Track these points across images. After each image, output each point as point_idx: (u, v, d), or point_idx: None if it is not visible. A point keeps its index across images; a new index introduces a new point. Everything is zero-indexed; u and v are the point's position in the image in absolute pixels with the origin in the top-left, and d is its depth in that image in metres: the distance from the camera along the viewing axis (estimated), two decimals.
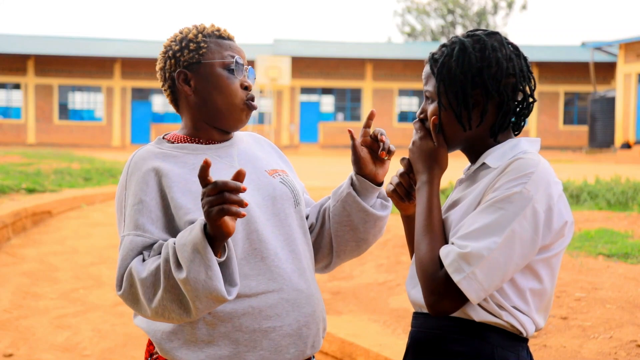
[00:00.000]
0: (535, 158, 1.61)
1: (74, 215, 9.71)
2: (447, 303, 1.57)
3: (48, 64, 34.27)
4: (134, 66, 34.69)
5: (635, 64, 26.77)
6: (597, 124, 28.95)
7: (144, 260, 1.68)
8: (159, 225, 1.71)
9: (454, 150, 1.76)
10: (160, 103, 36.03)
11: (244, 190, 1.50)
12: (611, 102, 28.21)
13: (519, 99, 1.71)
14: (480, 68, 1.66)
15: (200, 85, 1.82)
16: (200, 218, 1.59)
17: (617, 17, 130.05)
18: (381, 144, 1.86)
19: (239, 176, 1.51)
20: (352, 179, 1.93)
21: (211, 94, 1.81)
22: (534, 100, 1.72)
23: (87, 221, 9.38)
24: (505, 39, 1.72)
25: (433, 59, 1.73)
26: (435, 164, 1.71)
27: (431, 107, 1.73)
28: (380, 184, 1.94)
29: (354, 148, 1.89)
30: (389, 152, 1.88)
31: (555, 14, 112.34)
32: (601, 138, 28.70)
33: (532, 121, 35.81)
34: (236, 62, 1.82)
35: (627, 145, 25.72)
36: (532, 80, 1.71)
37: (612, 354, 3.79)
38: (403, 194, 1.81)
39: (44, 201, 9.60)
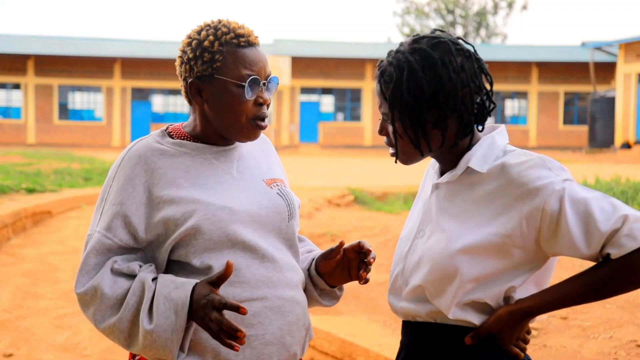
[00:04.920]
0: (522, 152, 1.62)
1: (74, 215, 9.70)
2: None
3: (48, 64, 34.25)
4: (134, 66, 34.68)
5: (635, 64, 26.77)
6: (597, 124, 28.93)
7: (112, 270, 1.69)
8: (130, 230, 1.71)
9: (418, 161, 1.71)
10: (160, 103, 36.02)
11: (242, 336, 1.55)
12: (611, 102, 28.20)
13: (478, 100, 1.63)
14: (434, 92, 1.58)
15: (212, 99, 1.75)
16: (191, 281, 1.64)
17: (617, 17, 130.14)
18: (365, 265, 1.80)
19: (228, 269, 1.58)
20: (309, 271, 1.90)
21: (221, 110, 1.75)
22: (493, 103, 1.66)
23: (87, 221, 9.36)
24: (453, 42, 1.62)
25: (383, 80, 1.64)
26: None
27: (391, 128, 1.66)
28: (334, 287, 1.91)
29: (334, 253, 1.83)
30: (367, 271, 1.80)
31: (555, 14, 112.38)
32: (601, 138, 28.68)
33: (532, 121, 35.82)
34: (252, 80, 1.73)
35: (627, 145, 25.73)
36: (489, 80, 1.66)
37: (612, 354, 3.79)
38: None
39: (44, 201, 9.60)
